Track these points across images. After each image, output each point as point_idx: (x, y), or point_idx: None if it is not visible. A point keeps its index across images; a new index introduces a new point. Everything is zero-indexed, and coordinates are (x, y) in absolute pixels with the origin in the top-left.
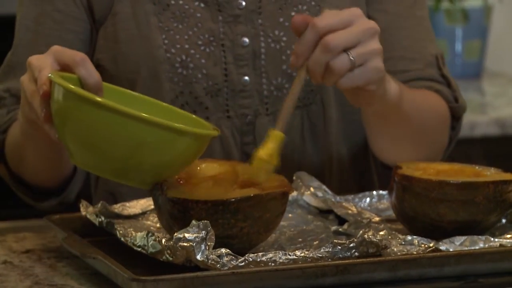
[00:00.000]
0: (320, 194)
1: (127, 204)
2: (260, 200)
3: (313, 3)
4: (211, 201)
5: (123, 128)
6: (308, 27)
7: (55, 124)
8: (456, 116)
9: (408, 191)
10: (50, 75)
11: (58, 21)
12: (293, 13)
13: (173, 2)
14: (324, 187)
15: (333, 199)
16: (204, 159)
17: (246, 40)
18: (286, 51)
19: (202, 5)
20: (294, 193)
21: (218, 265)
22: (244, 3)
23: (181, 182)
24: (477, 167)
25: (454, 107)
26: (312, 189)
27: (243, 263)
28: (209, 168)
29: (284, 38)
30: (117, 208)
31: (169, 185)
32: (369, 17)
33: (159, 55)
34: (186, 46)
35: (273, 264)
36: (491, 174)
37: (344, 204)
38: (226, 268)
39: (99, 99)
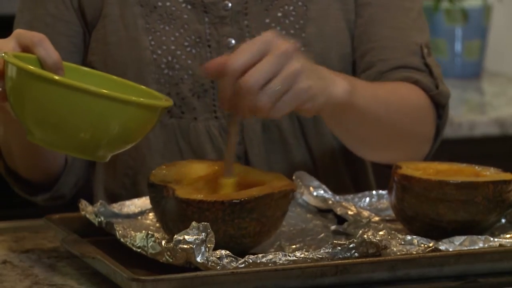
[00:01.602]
0: (319, 193)
1: (126, 203)
2: (273, 198)
3: (299, 3)
4: (228, 201)
5: (72, 101)
6: (223, 73)
7: (10, 102)
8: (439, 104)
9: (407, 191)
10: (3, 54)
11: (50, 25)
12: (279, 14)
13: (160, 4)
14: (323, 186)
15: (332, 199)
16: (193, 160)
17: (232, 41)
18: None
19: (188, 6)
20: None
21: (218, 267)
22: (230, 5)
23: (177, 183)
24: (476, 167)
25: (434, 95)
26: (311, 188)
27: (243, 265)
28: (198, 168)
29: None
30: (116, 207)
31: (177, 186)
32: (356, 12)
33: (145, 56)
34: (173, 47)
35: (273, 265)
36: (491, 174)
37: (343, 203)
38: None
39: (45, 73)
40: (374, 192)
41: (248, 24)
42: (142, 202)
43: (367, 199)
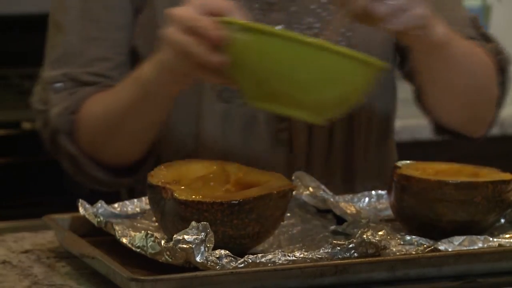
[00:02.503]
0: (319, 193)
1: (126, 203)
2: (271, 199)
3: None
4: (227, 202)
5: (306, 59)
6: None
7: (233, 65)
8: (502, 69)
9: (407, 191)
10: (221, 19)
11: (105, 7)
12: (325, 0)
13: None
14: (323, 187)
15: (332, 199)
16: (190, 160)
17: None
18: (318, 37)
19: None
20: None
21: (218, 267)
22: None
23: (176, 183)
24: (476, 167)
25: (501, 59)
26: (311, 189)
27: (242, 265)
28: (197, 168)
29: (317, 25)
30: (116, 207)
31: (175, 188)
32: None
33: None
34: None
35: (272, 265)
36: (490, 174)
37: (343, 203)
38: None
39: (284, 32)
40: (373, 192)
41: (295, 10)
42: (142, 202)
43: (366, 199)
